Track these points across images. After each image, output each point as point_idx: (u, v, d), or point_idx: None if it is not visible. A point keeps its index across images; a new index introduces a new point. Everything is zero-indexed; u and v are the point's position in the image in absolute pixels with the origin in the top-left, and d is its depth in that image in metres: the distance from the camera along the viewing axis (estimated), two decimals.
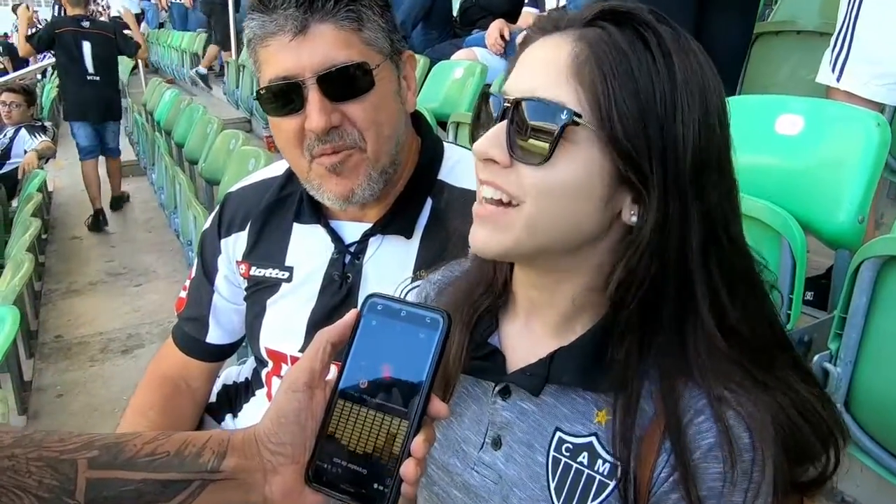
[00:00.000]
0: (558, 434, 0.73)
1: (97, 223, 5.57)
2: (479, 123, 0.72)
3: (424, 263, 1.10)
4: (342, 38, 0.99)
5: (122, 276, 4.57)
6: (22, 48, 6.11)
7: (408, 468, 0.61)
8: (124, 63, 9.14)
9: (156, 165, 5.19)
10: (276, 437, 0.63)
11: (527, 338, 0.78)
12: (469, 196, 1.10)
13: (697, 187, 0.65)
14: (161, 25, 14.32)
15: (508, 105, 0.67)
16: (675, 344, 0.68)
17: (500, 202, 0.68)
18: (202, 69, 9.46)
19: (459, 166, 1.16)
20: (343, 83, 0.99)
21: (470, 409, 0.80)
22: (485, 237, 0.70)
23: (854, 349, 1.44)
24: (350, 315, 0.66)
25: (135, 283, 4.42)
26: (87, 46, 5.63)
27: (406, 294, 1.11)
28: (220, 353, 1.34)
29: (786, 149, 1.71)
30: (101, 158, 5.89)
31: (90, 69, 5.66)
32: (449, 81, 3.38)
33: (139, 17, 12.44)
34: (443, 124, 3.01)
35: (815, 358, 1.48)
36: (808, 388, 0.70)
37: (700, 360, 0.66)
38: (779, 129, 1.73)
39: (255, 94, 1.07)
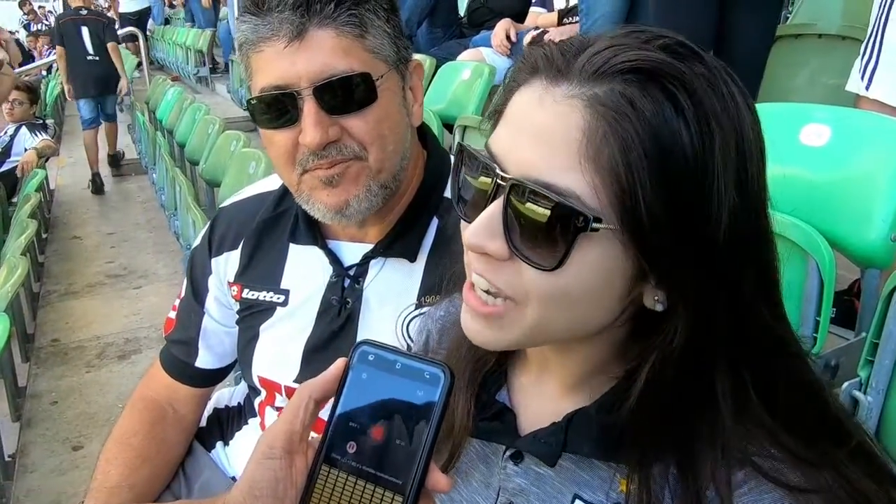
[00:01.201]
0: (577, 502, 0.65)
1: (97, 185, 6.47)
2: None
3: (430, 289, 1.02)
4: (343, 46, 0.90)
5: (122, 278, 4.50)
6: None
7: None
8: (129, 60, 9.11)
9: (157, 165, 5.12)
10: None
11: (538, 395, 0.70)
12: None
13: (743, 270, 0.55)
14: (167, 21, 14.27)
15: (502, 184, 0.54)
16: (690, 434, 0.59)
17: (497, 296, 0.58)
18: None
19: None
20: (343, 95, 0.90)
21: (478, 470, 0.72)
22: (481, 333, 0.60)
23: (887, 377, 1.35)
24: (336, 366, 0.57)
25: (134, 286, 4.36)
26: (85, 31, 6.62)
27: (408, 323, 1.03)
28: (209, 379, 1.26)
29: (811, 160, 1.62)
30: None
31: (90, 50, 6.64)
32: (456, 83, 3.29)
33: (146, 13, 12.38)
34: (449, 127, 2.92)
35: (844, 385, 1.39)
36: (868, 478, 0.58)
37: (722, 441, 0.57)
38: (804, 139, 1.65)
39: (245, 103, 0.98)
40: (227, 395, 1.36)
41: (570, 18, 3.47)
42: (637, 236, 0.52)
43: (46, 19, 19.85)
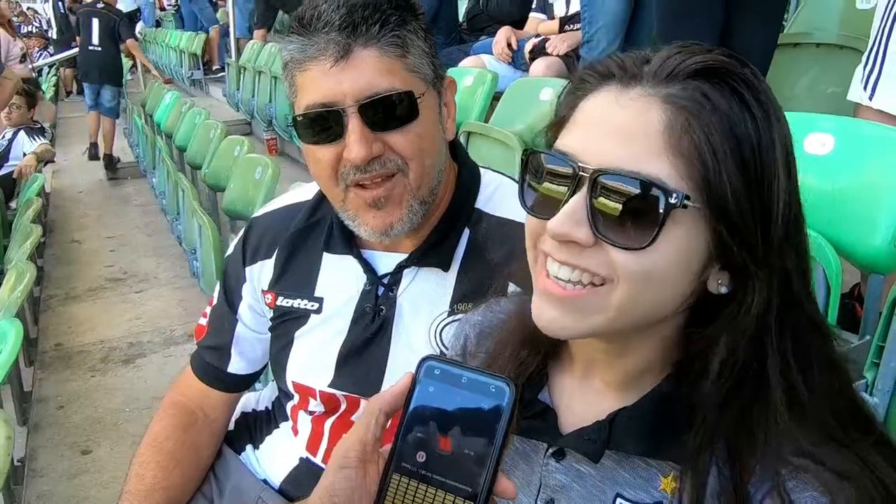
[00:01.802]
0: (619, 501, 0.68)
1: (110, 161, 7.15)
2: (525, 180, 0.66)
3: (462, 297, 1.06)
4: (386, 65, 0.94)
5: (123, 282, 4.51)
6: None
7: None
8: (125, 65, 9.08)
9: (157, 169, 5.13)
10: None
11: (582, 395, 0.73)
12: (508, 225, 1.07)
13: (786, 251, 0.61)
14: (158, 24, 14.22)
15: (584, 175, 0.59)
16: (744, 420, 0.63)
17: (583, 283, 0.62)
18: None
19: (497, 194, 1.11)
20: (386, 112, 0.94)
21: (518, 468, 0.75)
22: (562, 320, 0.63)
23: (892, 379, 1.40)
24: (404, 380, 0.61)
25: (136, 290, 4.37)
26: (95, 22, 7.25)
27: (442, 329, 1.07)
28: (241, 384, 1.29)
29: (815, 169, 1.67)
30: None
31: (95, 41, 7.26)
32: (459, 89, 3.32)
33: (136, 15, 12.33)
34: None
35: None
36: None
37: (769, 439, 0.61)
38: (807, 148, 1.69)
39: (290, 119, 1.02)
40: (254, 399, 1.39)
41: (571, 26, 3.52)
42: (720, 213, 0.58)
43: (36, 20, 19.71)
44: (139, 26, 13.21)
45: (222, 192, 3.50)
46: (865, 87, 1.91)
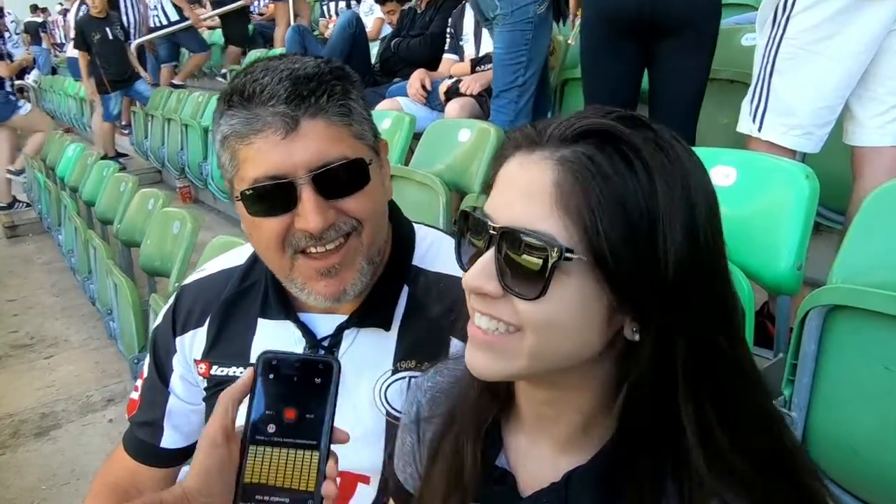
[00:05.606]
0: None
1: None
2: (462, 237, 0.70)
3: (405, 355, 1.06)
4: (334, 134, 0.94)
5: (30, 348, 4.22)
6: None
7: (328, 488, 0.74)
8: None
9: (63, 226, 4.88)
10: (205, 490, 0.74)
11: (536, 456, 0.75)
12: (445, 280, 1.09)
13: (687, 305, 0.62)
14: (54, 71, 13.66)
15: (494, 233, 0.64)
16: (675, 472, 0.66)
17: (499, 331, 0.66)
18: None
19: (433, 249, 1.13)
20: (338, 180, 0.95)
21: None
22: (485, 363, 0.68)
23: (807, 394, 1.49)
24: (248, 373, 0.77)
25: (45, 355, 4.09)
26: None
27: (386, 389, 1.07)
28: (176, 458, 1.24)
29: (721, 199, 1.78)
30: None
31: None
32: None
33: (27, 64, 11.75)
34: None
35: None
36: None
37: (692, 492, 0.64)
38: (714, 179, 1.81)
39: (235, 194, 0.99)
40: None
41: (482, 66, 3.63)
42: (602, 267, 0.61)
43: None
44: (34, 74, 12.65)
45: (137, 248, 3.38)
46: (754, 121, 2.06)
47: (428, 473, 0.83)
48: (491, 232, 0.64)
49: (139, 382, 1.25)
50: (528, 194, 0.63)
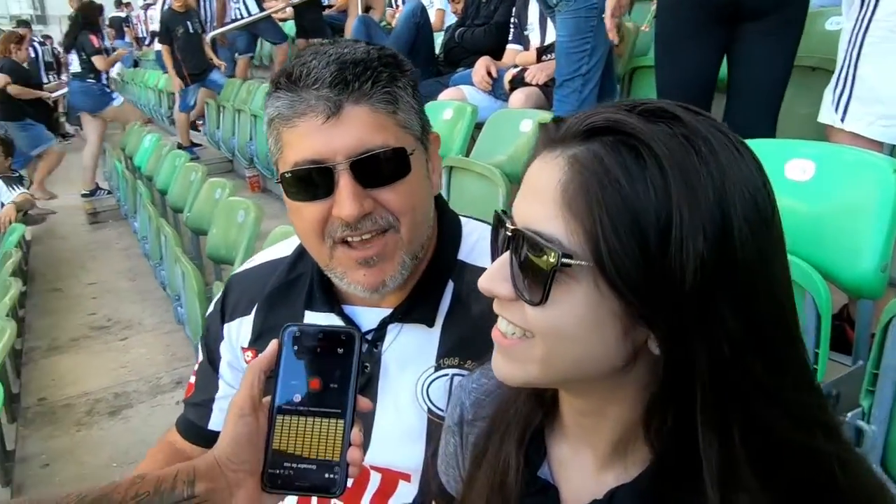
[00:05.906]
0: None
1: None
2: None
3: (448, 352, 1.03)
4: (377, 121, 0.92)
5: (107, 330, 4.43)
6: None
7: (353, 454, 0.77)
8: None
9: (138, 213, 5.08)
10: (235, 458, 0.76)
11: (578, 467, 0.71)
12: None
13: (710, 321, 0.55)
14: (136, 64, 14.26)
15: (509, 235, 0.61)
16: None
17: (516, 335, 0.63)
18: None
19: (480, 244, 1.10)
20: (377, 169, 0.92)
21: None
22: (503, 368, 0.66)
23: (889, 406, 1.39)
24: (272, 346, 0.79)
25: (120, 337, 4.29)
26: None
27: (429, 386, 1.04)
28: None
29: (797, 195, 1.67)
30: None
31: None
32: (439, 123, 3.34)
33: (120, 58, 12.27)
34: None
35: (848, 416, 1.42)
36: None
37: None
38: (788, 174, 1.70)
39: (276, 176, 0.99)
40: None
41: (548, 56, 3.55)
42: (606, 274, 0.55)
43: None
44: (117, 67, 13.23)
45: (205, 236, 3.47)
46: (836, 110, 1.93)
47: (470, 478, 0.80)
48: (507, 233, 0.62)
49: (196, 367, 1.27)
50: (539, 194, 0.60)
